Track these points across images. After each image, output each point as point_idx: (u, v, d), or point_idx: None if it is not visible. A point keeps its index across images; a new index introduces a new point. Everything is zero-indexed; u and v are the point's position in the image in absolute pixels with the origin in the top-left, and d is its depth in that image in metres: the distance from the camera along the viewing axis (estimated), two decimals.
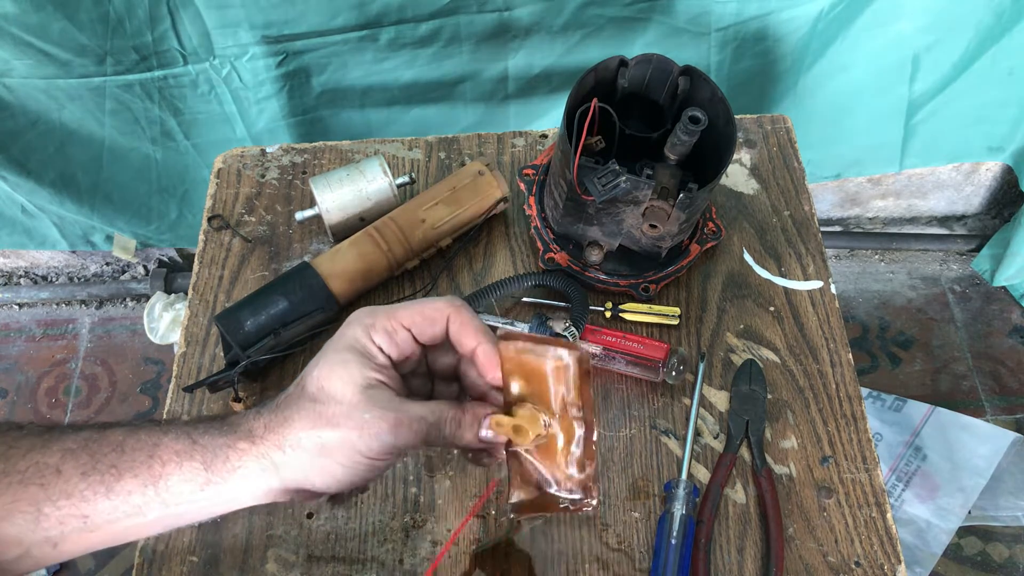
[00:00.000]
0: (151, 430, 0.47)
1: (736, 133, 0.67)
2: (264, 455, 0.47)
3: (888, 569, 0.64)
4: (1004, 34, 1.17)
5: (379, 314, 0.49)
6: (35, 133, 1.20)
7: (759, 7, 1.09)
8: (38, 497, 0.45)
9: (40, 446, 0.46)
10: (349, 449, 0.46)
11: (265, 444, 0.47)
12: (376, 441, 0.46)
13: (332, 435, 0.46)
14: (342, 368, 0.47)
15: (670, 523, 0.65)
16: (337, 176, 0.78)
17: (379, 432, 0.46)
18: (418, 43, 1.11)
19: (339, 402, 0.46)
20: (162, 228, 1.44)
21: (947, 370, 1.54)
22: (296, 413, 0.47)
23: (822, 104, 1.28)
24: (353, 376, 0.47)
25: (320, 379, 0.47)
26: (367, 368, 0.48)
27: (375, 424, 0.46)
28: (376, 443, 0.46)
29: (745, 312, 0.77)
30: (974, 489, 1.34)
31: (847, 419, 0.71)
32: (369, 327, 0.49)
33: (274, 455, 0.47)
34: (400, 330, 0.49)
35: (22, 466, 0.45)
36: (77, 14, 1.03)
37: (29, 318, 1.72)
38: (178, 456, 0.46)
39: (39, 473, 0.45)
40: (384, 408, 0.47)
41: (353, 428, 0.46)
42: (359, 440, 0.46)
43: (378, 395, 0.47)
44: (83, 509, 0.45)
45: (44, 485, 0.45)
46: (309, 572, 0.65)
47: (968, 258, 1.67)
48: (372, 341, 0.48)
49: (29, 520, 0.45)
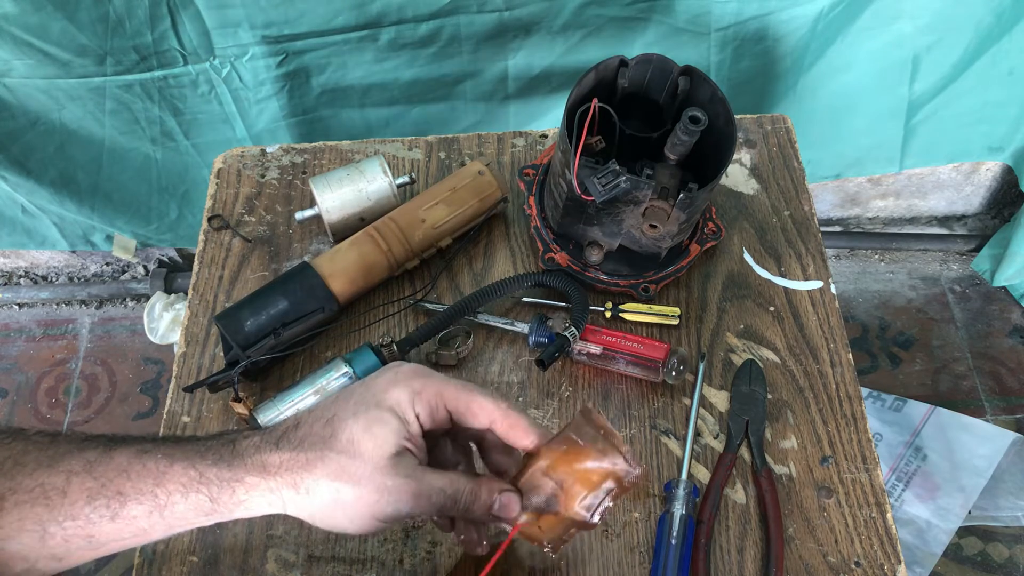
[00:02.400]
0: (157, 459, 0.47)
1: (736, 133, 0.67)
2: (275, 490, 0.47)
3: (888, 569, 0.64)
4: (1004, 34, 1.17)
5: (429, 385, 0.49)
6: (35, 133, 1.20)
7: (759, 7, 1.09)
8: (44, 517, 0.45)
9: (46, 464, 0.46)
10: (363, 508, 0.47)
11: (278, 481, 0.47)
12: (392, 508, 0.47)
13: (351, 492, 0.46)
14: (380, 428, 0.47)
15: (670, 523, 0.65)
16: (337, 176, 0.78)
17: (398, 501, 0.47)
18: (418, 43, 1.11)
19: (366, 462, 0.46)
20: (162, 228, 1.44)
21: (947, 370, 1.54)
22: (320, 459, 0.47)
23: (822, 104, 1.28)
24: (388, 440, 0.47)
25: (355, 433, 0.47)
26: (402, 435, 0.48)
27: (396, 492, 0.47)
28: (391, 509, 0.47)
29: (745, 312, 0.77)
30: (974, 489, 1.33)
31: (847, 419, 0.71)
32: (415, 394, 0.49)
33: (285, 492, 0.47)
34: (443, 409, 0.50)
35: (28, 484, 0.45)
36: (77, 14, 1.03)
37: (29, 318, 1.72)
38: (184, 488, 0.47)
39: (45, 494, 0.45)
40: (407, 478, 0.47)
41: (374, 491, 0.46)
42: (376, 504, 0.46)
43: (404, 463, 0.47)
44: (88, 531, 0.46)
45: (50, 506, 0.45)
46: (309, 572, 0.65)
47: (968, 258, 1.67)
48: (413, 408, 0.49)
49: (35, 539, 0.45)
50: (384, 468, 0.46)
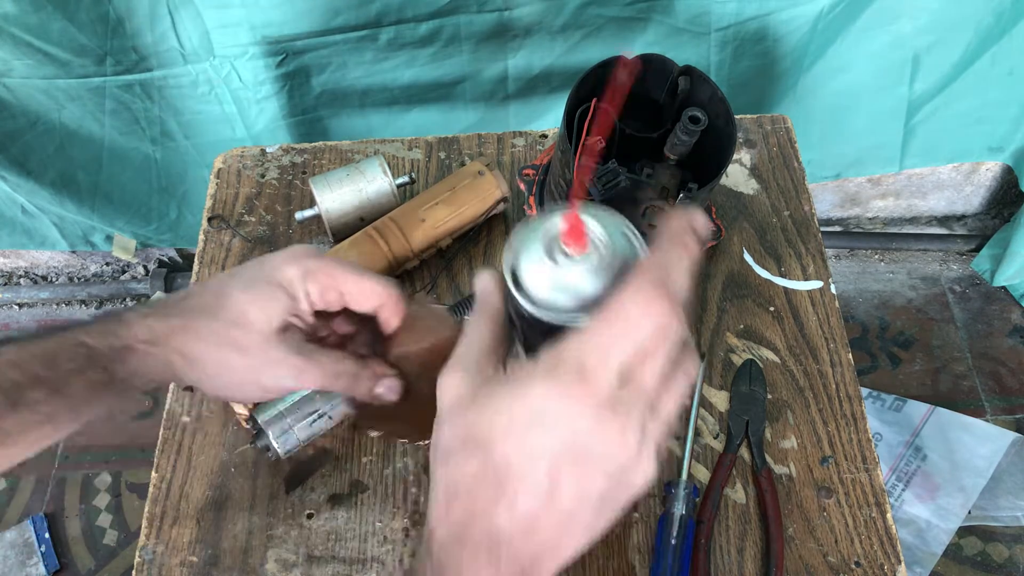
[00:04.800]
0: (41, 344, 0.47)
1: (736, 133, 0.67)
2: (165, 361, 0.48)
3: (888, 569, 0.64)
4: (1004, 34, 1.17)
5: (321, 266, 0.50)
6: (35, 133, 1.20)
7: (759, 7, 1.09)
8: None
9: None
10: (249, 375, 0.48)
11: (167, 348, 0.48)
12: (275, 380, 0.49)
13: (238, 360, 0.48)
14: (269, 302, 0.48)
15: (670, 523, 0.65)
16: (337, 176, 0.78)
17: (282, 373, 0.48)
18: (418, 43, 1.11)
19: (253, 333, 0.48)
20: (162, 228, 1.43)
21: (947, 370, 1.54)
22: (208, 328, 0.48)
23: (822, 104, 1.28)
24: (276, 314, 0.48)
25: (243, 304, 0.48)
26: (290, 311, 0.49)
27: (281, 365, 0.48)
28: (274, 382, 0.49)
29: (745, 312, 0.77)
30: (974, 489, 1.34)
31: (847, 419, 0.71)
32: (308, 273, 0.49)
33: (174, 359, 0.48)
34: (334, 292, 0.50)
35: None
36: (77, 14, 1.03)
37: (29, 318, 1.72)
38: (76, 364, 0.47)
39: None
40: (293, 353, 0.48)
41: (259, 361, 0.48)
42: (261, 373, 0.48)
43: (290, 338, 0.49)
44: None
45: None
46: (309, 572, 0.65)
47: (968, 258, 1.67)
48: (304, 286, 0.49)
49: None
50: (270, 339, 0.48)
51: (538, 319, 0.40)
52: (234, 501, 0.68)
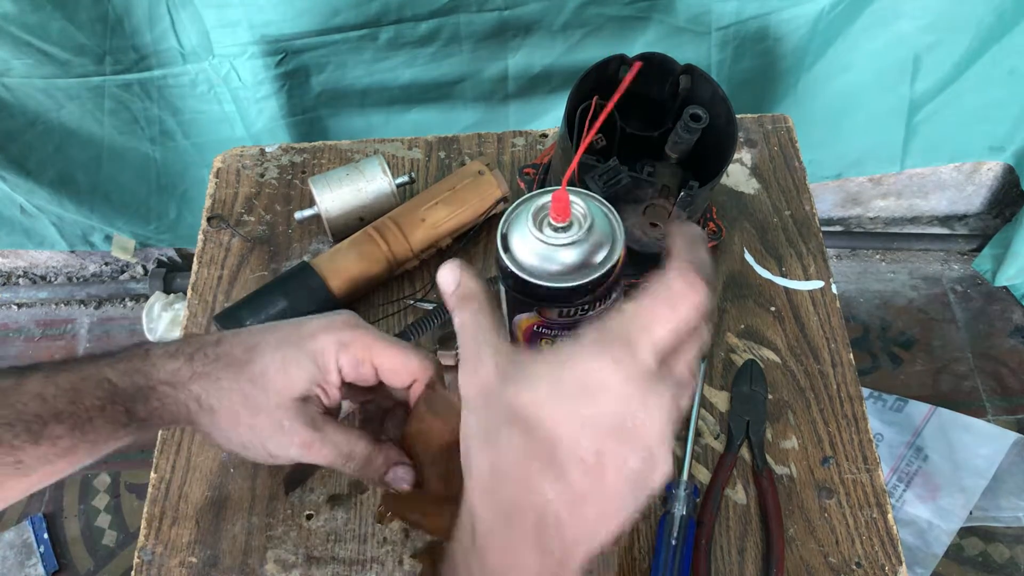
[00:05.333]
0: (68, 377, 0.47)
1: (737, 132, 0.67)
2: (183, 404, 0.47)
3: (889, 570, 0.64)
4: (1005, 34, 1.17)
5: (357, 340, 0.48)
6: (34, 133, 1.20)
7: (760, 6, 1.09)
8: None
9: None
10: (256, 439, 0.47)
11: (187, 393, 0.47)
12: (280, 449, 0.47)
13: (248, 420, 0.47)
14: (295, 369, 0.47)
15: (670, 524, 0.64)
16: (337, 176, 0.78)
17: (289, 443, 0.47)
18: (418, 42, 1.11)
19: (270, 397, 0.47)
20: (161, 228, 1.43)
21: (948, 370, 1.54)
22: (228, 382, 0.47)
23: (823, 104, 1.27)
24: (301, 381, 0.47)
25: (268, 366, 0.47)
26: (314, 380, 0.48)
27: (290, 435, 0.47)
28: (280, 451, 0.47)
29: (746, 312, 0.76)
30: (975, 490, 1.33)
31: (848, 419, 0.70)
32: (343, 346, 0.48)
33: (192, 406, 0.47)
34: (368, 367, 0.49)
35: None
36: (76, 13, 1.03)
37: (28, 318, 1.72)
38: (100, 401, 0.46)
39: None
40: (305, 425, 0.47)
41: (268, 426, 0.47)
42: (269, 439, 0.47)
43: (308, 410, 0.48)
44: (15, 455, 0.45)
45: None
46: (308, 573, 0.65)
47: (969, 258, 1.66)
48: (336, 360, 0.48)
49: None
50: (286, 408, 0.47)
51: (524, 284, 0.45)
52: (233, 502, 0.68)
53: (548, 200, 0.45)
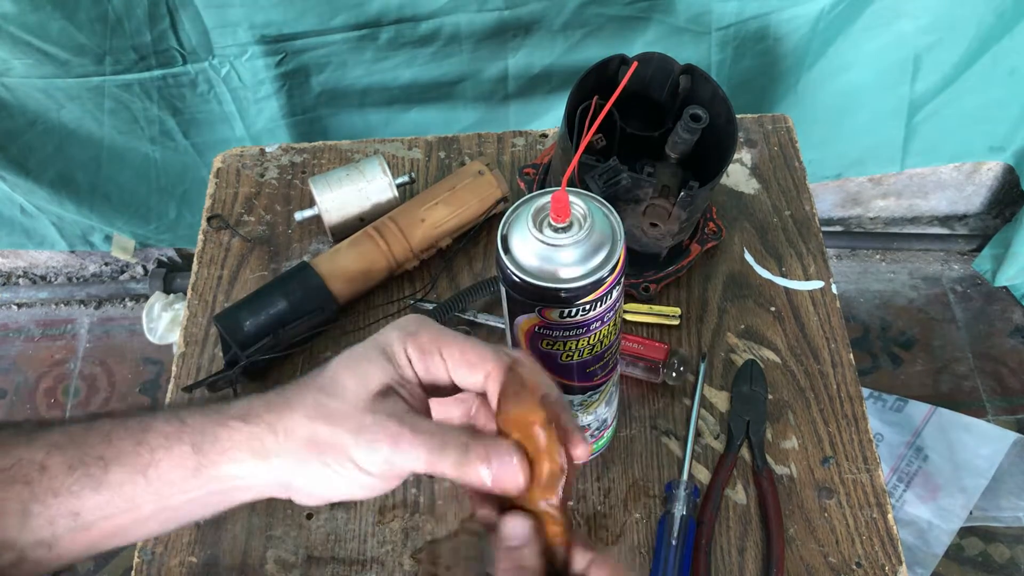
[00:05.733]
0: (141, 417, 0.44)
1: (737, 132, 0.67)
2: (256, 437, 0.42)
3: (889, 570, 0.64)
4: (1005, 33, 1.17)
5: (424, 330, 0.44)
6: (34, 133, 1.20)
7: (760, 6, 1.09)
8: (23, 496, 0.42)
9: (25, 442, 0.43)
10: (341, 452, 0.41)
11: (259, 425, 0.42)
12: (370, 451, 0.41)
13: (327, 432, 0.41)
14: (365, 365, 0.43)
15: (670, 524, 0.64)
16: (336, 176, 0.78)
17: (376, 441, 0.40)
18: (417, 42, 1.11)
19: (345, 399, 0.42)
20: (161, 228, 1.43)
21: (948, 370, 1.54)
22: (298, 398, 0.42)
23: (823, 103, 1.27)
24: (371, 376, 0.42)
25: (337, 369, 0.43)
26: (388, 373, 0.42)
27: (374, 431, 0.40)
28: (370, 454, 0.41)
29: (746, 312, 0.76)
30: (975, 490, 1.33)
31: (848, 419, 0.70)
32: (408, 336, 0.43)
33: (266, 439, 0.42)
34: (437, 358, 0.43)
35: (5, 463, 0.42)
36: (76, 13, 1.03)
37: (28, 318, 1.72)
38: (167, 440, 0.43)
39: (23, 470, 0.42)
40: (389, 417, 0.41)
41: (350, 430, 0.41)
42: (354, 445, 0.41)
43: (389, 404, 0.42)
44: (73, 506, 0.42)
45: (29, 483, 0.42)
46: (308, 572, 0.65)
47: (969, 258, 1.66)
48: (405, 350, 0.43)
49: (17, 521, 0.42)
50: (364, 406, 0.41)
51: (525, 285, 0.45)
52: None
53: (548, 200, 0.45)
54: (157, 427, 0.43)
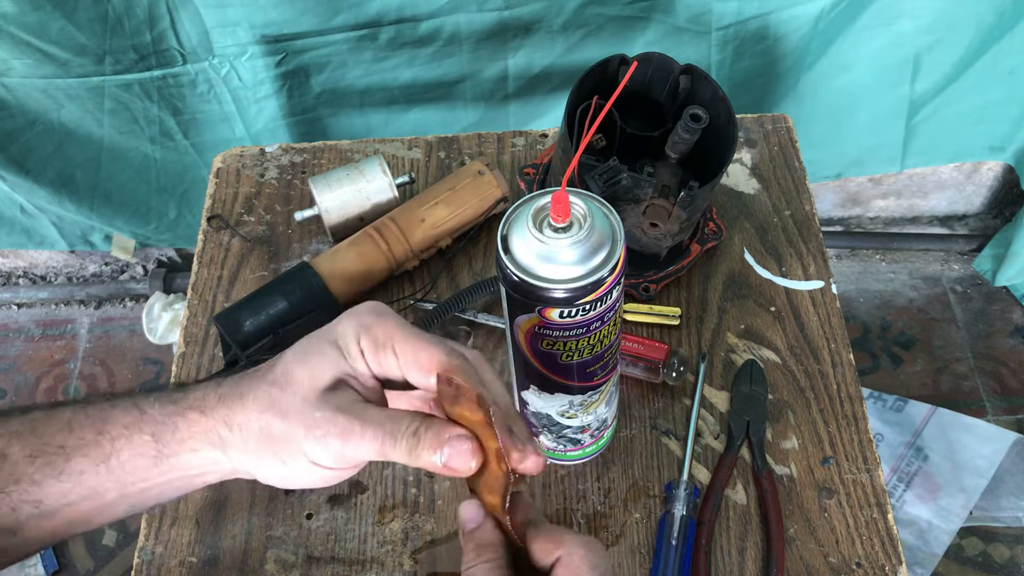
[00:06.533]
0: (100, 405, 0.45)
1: (737, 132, 0.67)
2: (212, 430, 0.43)
3: (889, 570, 0.64)
4: (1005, 33, 1.17)
5: (379, 323, 0.43)
6: (34, 133, 1.20)
7: (760, 6, 1.09)
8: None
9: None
10: (294, 447, 0.42)
11: (214, 418, 0.43)
12: (321, 447, 0.41)
13: (279, 426, 0.41)
14: (316, 358, 0.43)
15: (670, 524, 0.64)
16: (336, 176, 0.78)
17: (326, 435, 0.41)
18: (417, 42, 1.11)
19: (296, 393, 0.42)
20: (161, 228, 1.43)
21: (948, 370, 1.54)
22: (252, 392, 0.43)
23: (823, 103, 1.27)
24: (322, 370, 0.42)
25: (289, 363, 0.43)
26: (339, 366, 0.43)
27: (323, 426, 0.41)
28: (321, 449, 0.41)
29: (746, 312, 0.76)
30: (975, 490, 1.33)
31: (848, 419, 0.70)
32: (363, 328, 0.43)
33: (221, 431, 0.43)
34: (390, 354, 0.43)
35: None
36: (76, 13, 1.03)
37: (28, 318, 1.72)
38: (127, 430, 0.43)
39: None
40: (338, 411, 0.41)
41: (300, 425, 0.41)
42: (304, 440, 0.41)
43: (339, 397, 0.42)
44: (35, 494, 0.43)
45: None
46: (308, 573, 0.65)
47: (969, 258, 1.66)
48: (359, 343, 0.43)
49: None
50: (314, 400, 0.41)
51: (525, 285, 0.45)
52: (233, 501, 0.68)
53: (548, 201, 0.45)
54: (117, 417, 0.44)
